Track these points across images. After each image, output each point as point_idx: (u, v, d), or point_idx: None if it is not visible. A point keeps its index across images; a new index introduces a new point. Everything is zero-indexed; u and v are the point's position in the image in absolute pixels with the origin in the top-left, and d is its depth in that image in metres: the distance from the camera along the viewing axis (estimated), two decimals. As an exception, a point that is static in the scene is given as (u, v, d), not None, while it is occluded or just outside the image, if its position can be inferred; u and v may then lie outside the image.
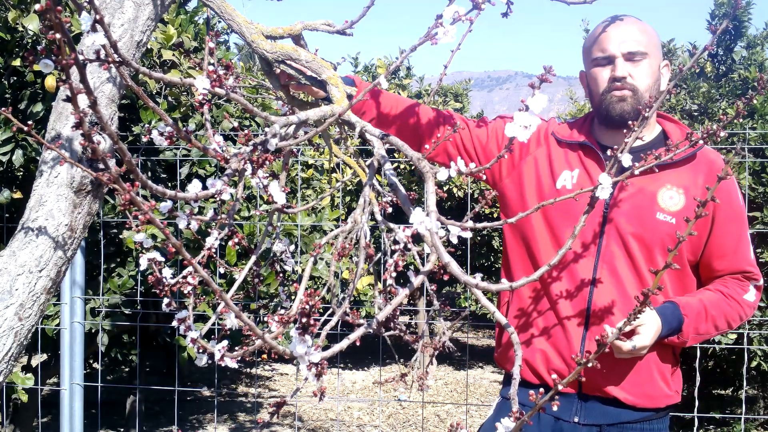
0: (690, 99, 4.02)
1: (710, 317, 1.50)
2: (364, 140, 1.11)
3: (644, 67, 1.53)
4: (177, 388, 3.32)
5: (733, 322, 1.53)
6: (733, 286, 1.53)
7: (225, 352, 0.94)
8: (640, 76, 1.53)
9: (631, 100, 1.52)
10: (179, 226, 0.98)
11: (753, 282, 1.54)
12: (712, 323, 1.51)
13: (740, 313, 1.53)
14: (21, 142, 2.71)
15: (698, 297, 1.51)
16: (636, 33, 1.54)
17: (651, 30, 1.58)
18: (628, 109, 1.53)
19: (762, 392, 4.31)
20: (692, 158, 1.53)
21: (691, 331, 1.48)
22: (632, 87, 1.53)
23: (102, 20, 0.77)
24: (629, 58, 1.53)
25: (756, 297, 1.55)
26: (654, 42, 1.56)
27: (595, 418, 1.52)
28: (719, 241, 1.52)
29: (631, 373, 1.50)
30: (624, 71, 1.53)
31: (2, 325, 1.08)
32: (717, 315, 1.51)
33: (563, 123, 1.69)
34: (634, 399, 1.50)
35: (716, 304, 1.51)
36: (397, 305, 0.91)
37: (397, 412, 5.29)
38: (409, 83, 6.14)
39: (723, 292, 1.53)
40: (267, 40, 1.24)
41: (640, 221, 1.50)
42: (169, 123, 0.95)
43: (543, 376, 1.56)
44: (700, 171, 1.52)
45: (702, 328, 1.50)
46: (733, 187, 1.54)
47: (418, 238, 0.96)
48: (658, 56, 1.56)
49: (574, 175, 1.58)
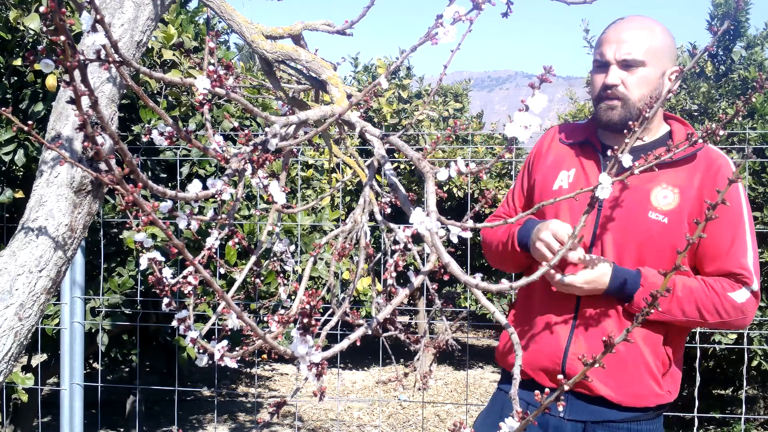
0: (690, 99, 4.01)
1: (677, 299, 1.46)
2: (364, 140, 1.11)
3: (639, 76, 1.50)
4: (177, 388, 3.32)
5: (707, 314, 1.46)
6: (721, 282, 1.48)
7: (225, 352, 0.94)
8: (633, 85, 1.50)
9: (621, 110, 1.51)
10: (179, 226, 0.98)
11: (746, 286, 1.47)
12: (678, 305, 1.46)
13: (717, 307, 1.46)
14: (23, 142, 2.71)
15: (673, 278, 1.46)
16: (637, 39, 1.50)
17: (661, 36, 1.52)
18: (615, 119, 1.52)
19: (762, 392, 4.31)
20: (692, 158, 1.52)
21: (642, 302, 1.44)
22: (623, 96, 1.51)
23: (102, 20, 0.77)
24: (624, 65, 1.50)
25: (747, 300, 1.47)
26: (659, 49, 1.51)
27: (581, 414, 1.52)
28: (711, 241, 1.48)
29: (619, 371, 1.50)
30: (615, 78, 1.51)
31: (2, 325, 1.08)
32: (686, 299, 1.46)
33: (569, 124, 1.69)
34: (620, 397, 1.50)
35: (690, 288, 1.47)
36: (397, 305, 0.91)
37: (397, 412, 5.29)
38: (409, 83, 6.13)
39: (705, 282, 1.48)
40: (267, 40, 1.24)
41: (631, 220, 1.50)
42: (169, 123, 0.95)
43: (529, 374, 1.57)
44: (697, 170, 1.50)
45: (664, 305, 1.45)
46: (733, 188, 1.50)
47: (418, 238, 0.96)
48: (660, 64, 1.51)
49: (570, 175, 1.58)
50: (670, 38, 1.54)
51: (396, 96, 5.95)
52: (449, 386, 6.12)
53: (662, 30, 1.54)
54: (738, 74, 4.03)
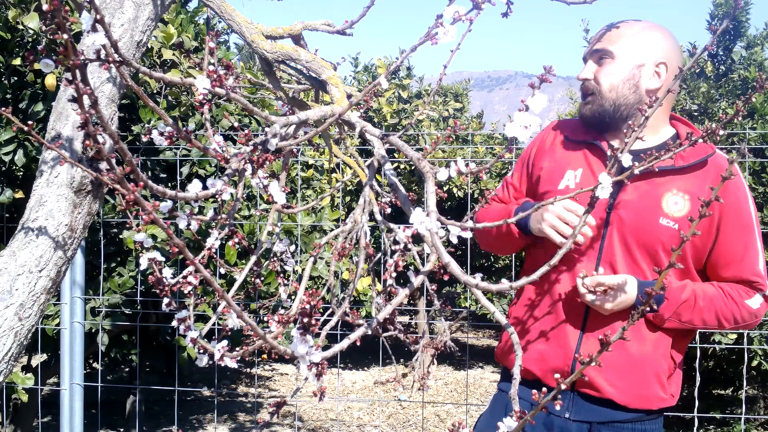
0: (690, 99, 4.01)
1: (698, 308, 1.48)
2: (364, 140, 1.11)
3: (609, 67, 1.53)
4: (177, 388, 3.32)
5: (725, 321, 1.50)
6: (737, 289, 1.51)
7: (225, 352, 0.94)
8: (602, 76, 1.53)
9: (593, 104, 1.55)
10: (179, 226, 0.98)
11: (760, 292, 1.51)
12: (699, 315, 1.49)
13: (735, 315, 1.50)
14: (23, 142, 2.71)
15: (693, 287, 1.49)
16: (612, 34, 1.53)
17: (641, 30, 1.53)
18: (587, 114, 1.56)
19: (762, 392, 4.31)
20: (703, 165, 1.51)
21: (669, 314, 1.47)
22: (593, 89, 1.54)
23: (102, 20, 0.77)
24: (597, 58, 1.55)
25: (761, 306, 1.51)
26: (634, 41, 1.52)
27: (587, 415, 1.52)
28: (724, 248, 1.50)
29: (626, 374, 1.50)
30: (588, 73, 1.56)
31: (2, 325, 1.08)
32: (706, 308, 1.48)
33: (574, 120, 1.68)
34: (627, 399, 1.50)
35: (710, 298, 1.49)
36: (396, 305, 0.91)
37: (397, 412, 5.29)
38: (409, 83, 6.14)
39: (723, 290, 1.51)
40: (267, 40, 1.24)
41: (642, 225, 1.50)
42: (169, 123, 0.95)
43: (539, 376, 1.57)
44: (708, 177, 1.50)
45: (685, 316, 1.48)
46: (742, 194, 1.51)
47: (418, 238, 0.96)
48: (635, 56, 1.52)
49: (577, 174, 1.58)
50: (658, 32, 1.54)
51: (396, 96, 5.95)
52: (449, 386, 6.12)
53: (645, 25, 1.54)
54: (738, 74, 4.03)
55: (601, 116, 1.53)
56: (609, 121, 1.53)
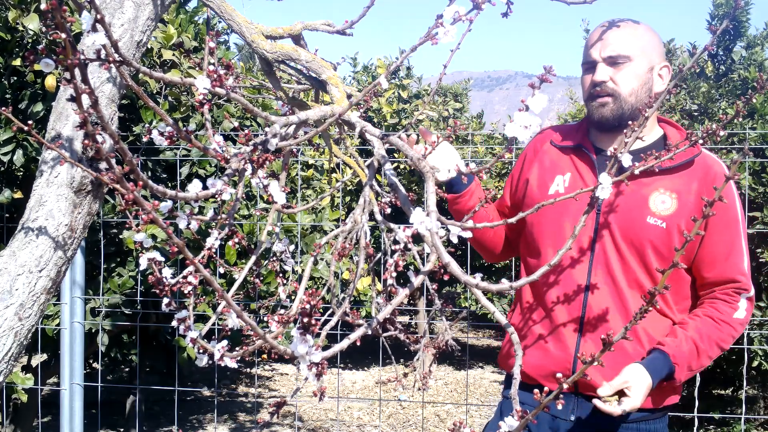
0: (690, 99, 4.02)
1: (702, 352, 1.48)
2: (364, 140, 1.11)
3: (627, 70, 1.51)
4: (177, 388, 3.32)
5: (725, 345, 1.51)
6: (723, 307, 1.50)
7: (225, 352, 0.94)
8: (622, 79, 1.51)
9: (612, 105, 1.52)
10: (179, 226, 0.98)
11: (743, 294, 1.50)
12: (706, 356, 1.49)
13: (732, 334, 1.50)
14: (22, 142, 2.71)
15: (688, 334, 1.48)
16: (621, 37, 1.52)
17: (644, 33, 1.54)
18: (607, 115, 1.53)
19: (762, 392, 4.31)
20: (689, 164, 1.52)
21: (683, 375, 1.47)
22: (613, 91, 1.52)
23: (102, 20, 0.77)
24: (611, 62, 1.52)
25: (747, 311, 1.51)
26: (644, 45, 1.53)
27: (592, 418, 1.53)
28: (710, 248, 1.50)
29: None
30: (604, 75, 1.52)
31: (2, 325, 1.08)
32: (708, 347, 1.49)
33: (561, 126, 1.70)
34: None
35: (707, 335, 1.49)
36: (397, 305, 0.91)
37: (397, 412, 5.29)
38: (409, 83, 6.14)
39: (713, 318, 1.50)
40: (267, 40, 1.24)
41: (630, 225, 1.50)
42: (169, 123, 0.95)
43: (538, 380, 1.57)
44: (695, 176, 1.51)
45: (695, 365, 1.49)
46: (730, 193, 1.52)
47: (418, 238, 0.96)
48: (647, 60, 1.53)
49: (566, 179, 1.59)
50: (655, 35, 1.56)
51: (396, 96, 5.95)
52: (449, 386, 6.12)
53: (645, 27, 1.55)
54: (738, 74, 4.03)
55: (618, 119, 1.52)
56: (621, 124, 1.53)
